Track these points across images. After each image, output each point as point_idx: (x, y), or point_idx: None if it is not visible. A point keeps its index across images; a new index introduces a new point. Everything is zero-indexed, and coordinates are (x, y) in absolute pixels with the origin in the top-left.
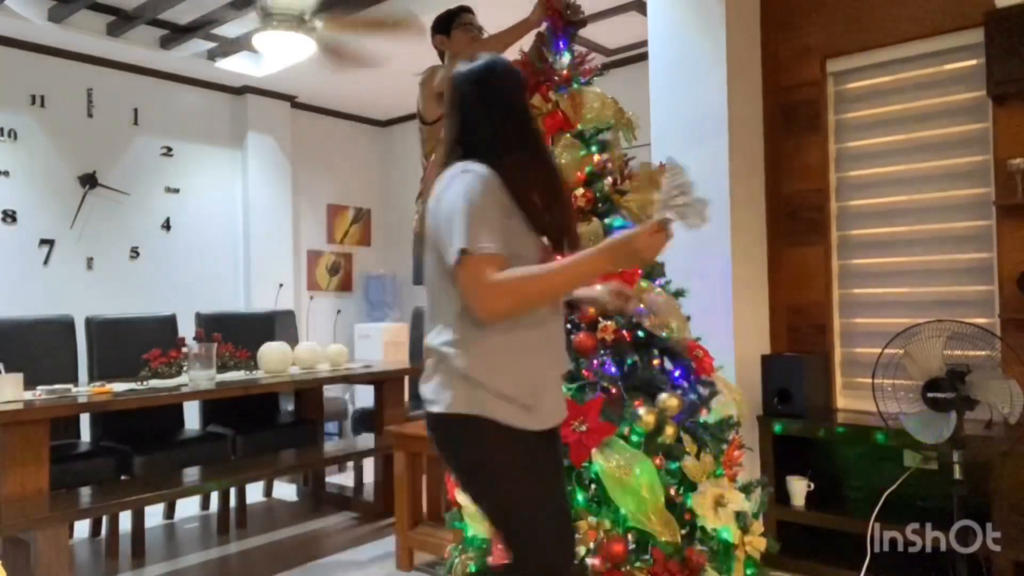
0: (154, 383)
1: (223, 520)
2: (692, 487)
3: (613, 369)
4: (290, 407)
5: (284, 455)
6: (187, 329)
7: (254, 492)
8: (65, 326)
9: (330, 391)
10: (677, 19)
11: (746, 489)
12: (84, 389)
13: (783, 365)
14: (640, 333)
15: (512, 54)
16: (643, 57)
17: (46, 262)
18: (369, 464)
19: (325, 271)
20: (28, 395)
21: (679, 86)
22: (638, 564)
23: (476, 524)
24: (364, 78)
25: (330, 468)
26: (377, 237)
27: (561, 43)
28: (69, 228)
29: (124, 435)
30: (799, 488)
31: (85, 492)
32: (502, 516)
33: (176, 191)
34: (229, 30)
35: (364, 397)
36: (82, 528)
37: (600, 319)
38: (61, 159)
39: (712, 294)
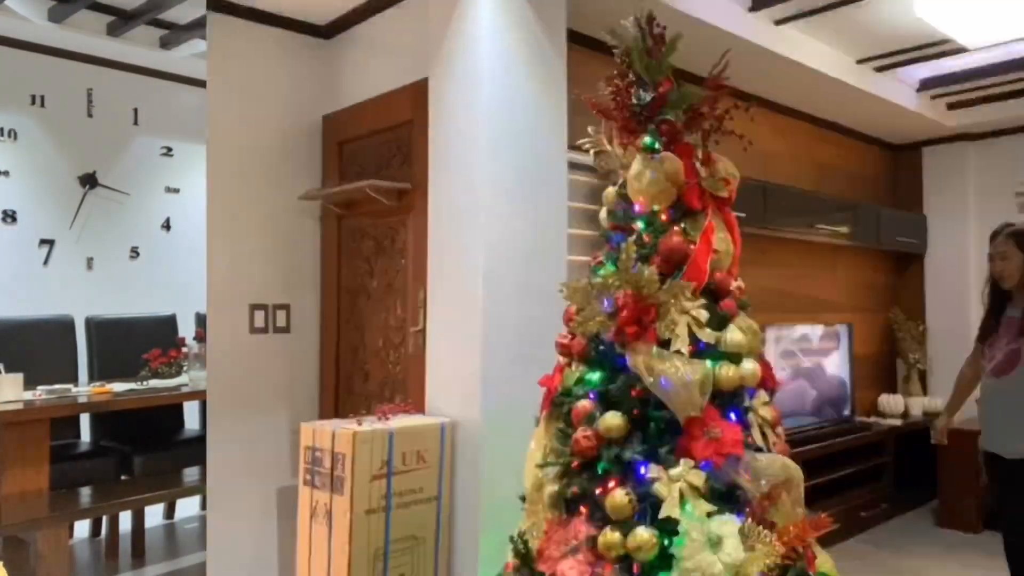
0: (154, 383)
1: None
2: None
3: None
4: None
5: None
6: (187, 329)
7: None
8: (65, 326)
9: None
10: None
11: None
12: (84, 389)
13: None
14: None
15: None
16: None
17: (46, 262)
18: None
19: None
20: (28, 395)
21: None
22: None
23: None
24: None
25: None
26: None
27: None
28: (69, 228)
29: (124, 435)
30: None
31: (85, 492)
32: None
33: (176, 191)
34: None
35: None
36: (82, 528)
37: None
38: (61, 159)
39: None
